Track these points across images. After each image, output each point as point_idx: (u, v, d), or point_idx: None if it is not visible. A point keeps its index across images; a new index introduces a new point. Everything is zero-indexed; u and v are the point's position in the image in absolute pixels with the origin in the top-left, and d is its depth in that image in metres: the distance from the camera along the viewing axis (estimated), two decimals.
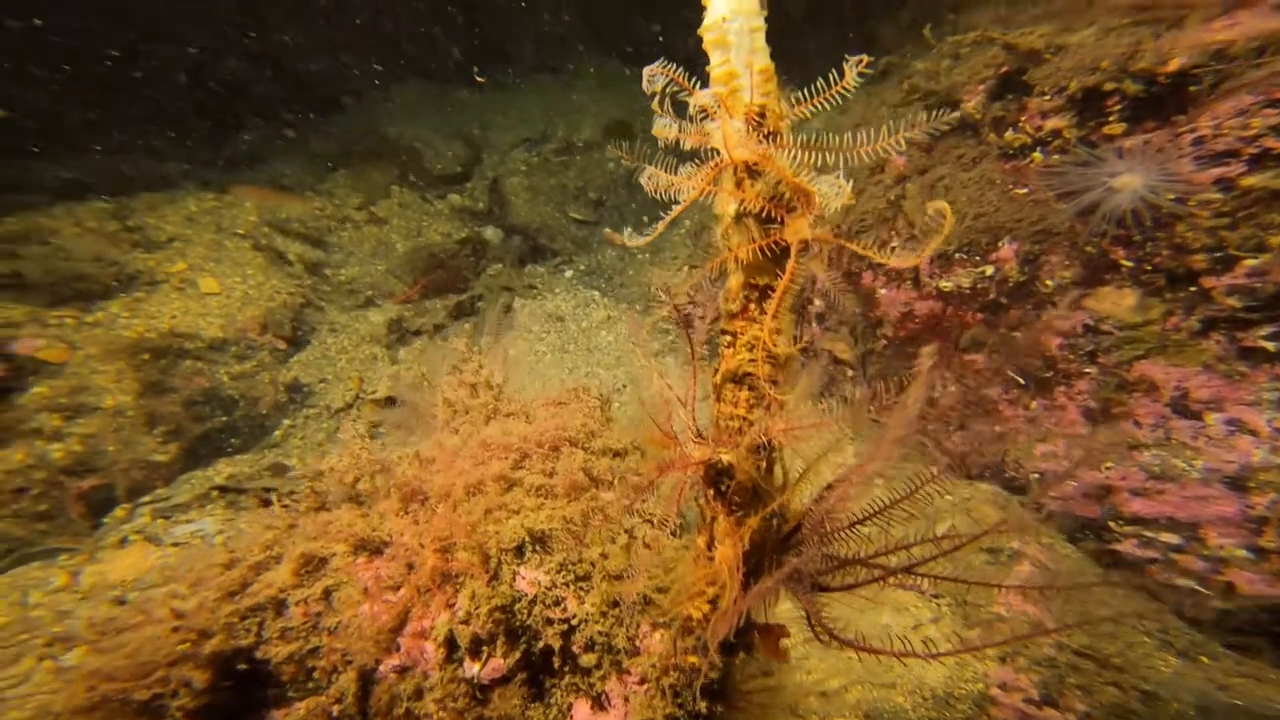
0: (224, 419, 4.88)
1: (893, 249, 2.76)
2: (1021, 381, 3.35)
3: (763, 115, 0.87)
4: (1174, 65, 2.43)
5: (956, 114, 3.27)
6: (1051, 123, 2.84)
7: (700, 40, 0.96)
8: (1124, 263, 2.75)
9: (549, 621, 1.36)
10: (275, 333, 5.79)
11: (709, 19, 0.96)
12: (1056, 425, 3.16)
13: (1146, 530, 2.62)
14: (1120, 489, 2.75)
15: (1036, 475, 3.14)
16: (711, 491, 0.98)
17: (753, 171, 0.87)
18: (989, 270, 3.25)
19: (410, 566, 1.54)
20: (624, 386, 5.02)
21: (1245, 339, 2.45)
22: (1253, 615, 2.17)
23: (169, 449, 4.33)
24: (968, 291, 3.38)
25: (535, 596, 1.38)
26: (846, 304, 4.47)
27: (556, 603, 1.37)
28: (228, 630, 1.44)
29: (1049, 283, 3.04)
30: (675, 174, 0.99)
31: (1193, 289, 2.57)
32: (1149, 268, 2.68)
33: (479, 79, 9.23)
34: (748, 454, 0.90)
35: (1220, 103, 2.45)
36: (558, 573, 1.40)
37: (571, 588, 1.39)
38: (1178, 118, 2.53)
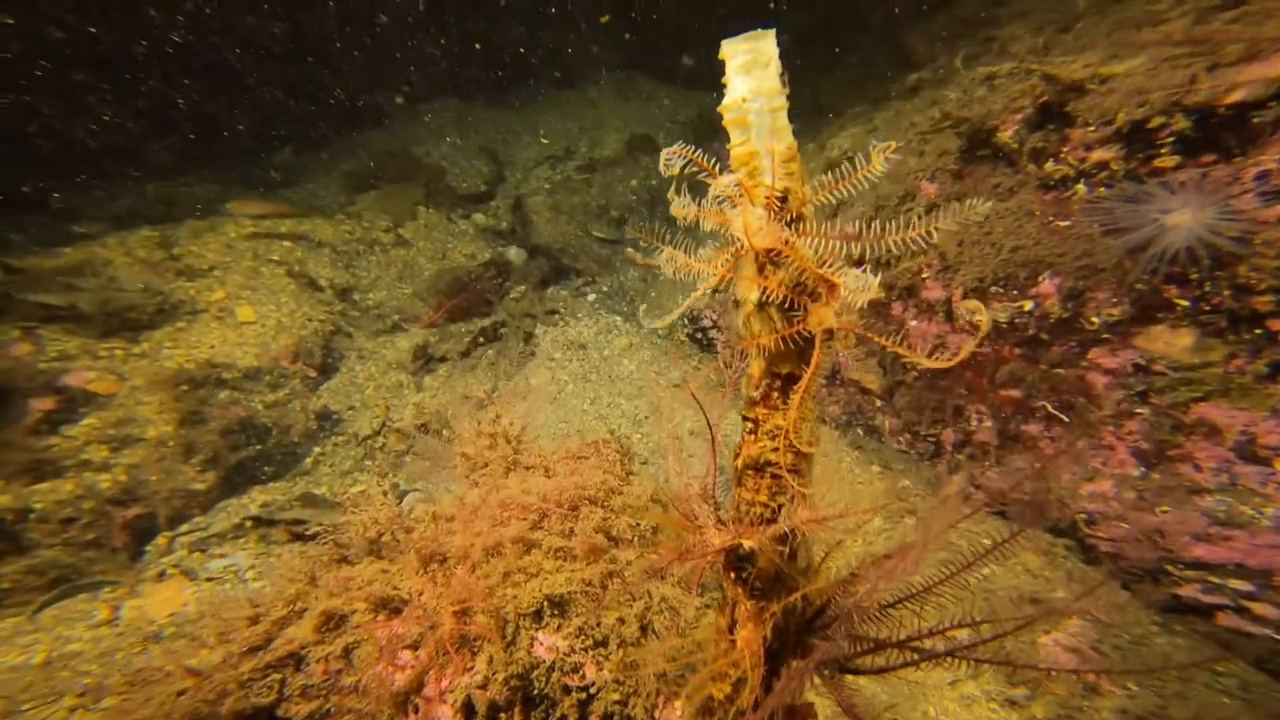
0: (258, 447, 5.04)
1: (924, 279, 2.69)
2: (1064, 419, 3.19)
3: (784, 199, 0.84)
4: (1235, 97, 2.31)
5: (988, 205, 3.17)
6: (1097, 154, 2.72)
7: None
8: (1179, 301, 2.60)
9: (566, 690, 1.33)
10: (306, 361, 5.98)
11: (728, 99, 0.95)
12: (1105, 465, 2.99)
13: (1212, 576, 2.43)
14: (1179, 533, 2.57)
15: (1084, 516, 2.96)
16: (733, 574, 0.94)
17: (775, 260, 0.85)
18: (1028, 305, 3.12)
19: (430, 626, 1.53)
20: (646, 418, 4.99)
21: None
22: None
23: (207, 478, 4.48)
24: (1005, 326, 3.25)
25: (553, 663, 1.35)
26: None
27: (574, 669, 1.34)
28: (249, 687, 1.46)
29: (1095, 320, 2.90)
30: (695, 255, 0.96)
31: (1258, 331, 2.41)
32: (1207, 307, 2.53)
33: (507, 96, 9.46)
34: (770, 542, 0.86)
35: None
36: (576, 638, 1.37)
37: (590, 654, 1.35)
38: (1238, 151, 2.40)
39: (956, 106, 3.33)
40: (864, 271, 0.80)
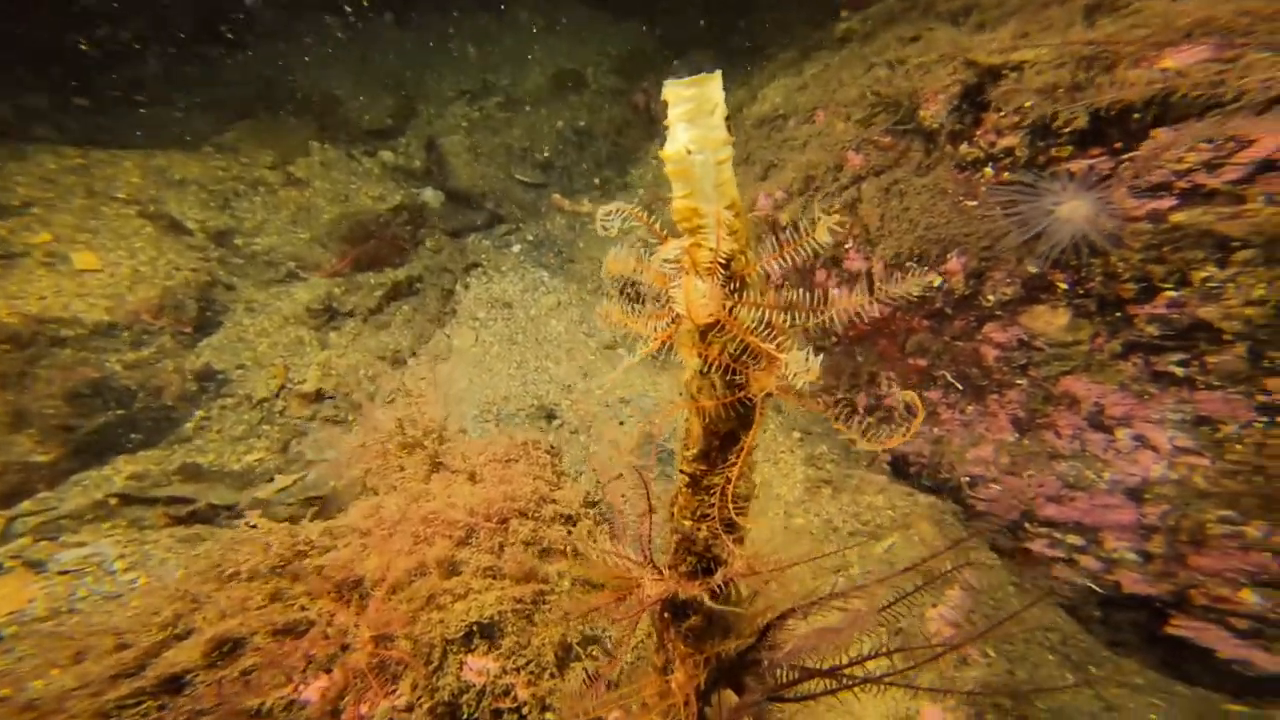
0: (119, 412, 4.49)
1: (846, 249, 2.81)
2: (959, 387, 3.58)
3: (729, 264, 0.83)
4: (1125, 96, 2.53)
5: (932, 279, 3.28)
6: (1005, 141, 2.91)
7: None
8: (1060, 285, 2.93)
9: (497, 714, 1.37)
10: (176, 315, 5.30)
11: (670, 148, 0.90)
12: (988, 431, 3.43)
13: (1056, 532, 2.94)
14: (1037, 494, 3.05)
15: (967, 479, 3.41)
16: (669, 620, 1.00)
17: (717, 329, 0.85)
18: (937, 281, 3.38)
19: (342, 648, 1.49)
20: (576, 382, 4.98)
21: (1158, 363, 2.71)
22: (1129, 613, 2.53)
23: (49, 448, 3.96)
24: (916, 299, 3.52)
25: (483, 687, 1.38)
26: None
27: (505, 692, 1.38)
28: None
29: (991, 298, 3.21)
30: (633, 311, 0.94)
31: (1119, 314, 2.79)
32: (1082, 291, 2.87)
33: (414, 16, 8.37)
34: (705, 592, 0.92)
35: (1158, 135, 2.59)
36: (507, 658, 1.41)
37: (522, 674, 1.40)
38: (1120, 147, 2.66)
39: (883, 84, 3.39)
40: (807, 354, 0.83)
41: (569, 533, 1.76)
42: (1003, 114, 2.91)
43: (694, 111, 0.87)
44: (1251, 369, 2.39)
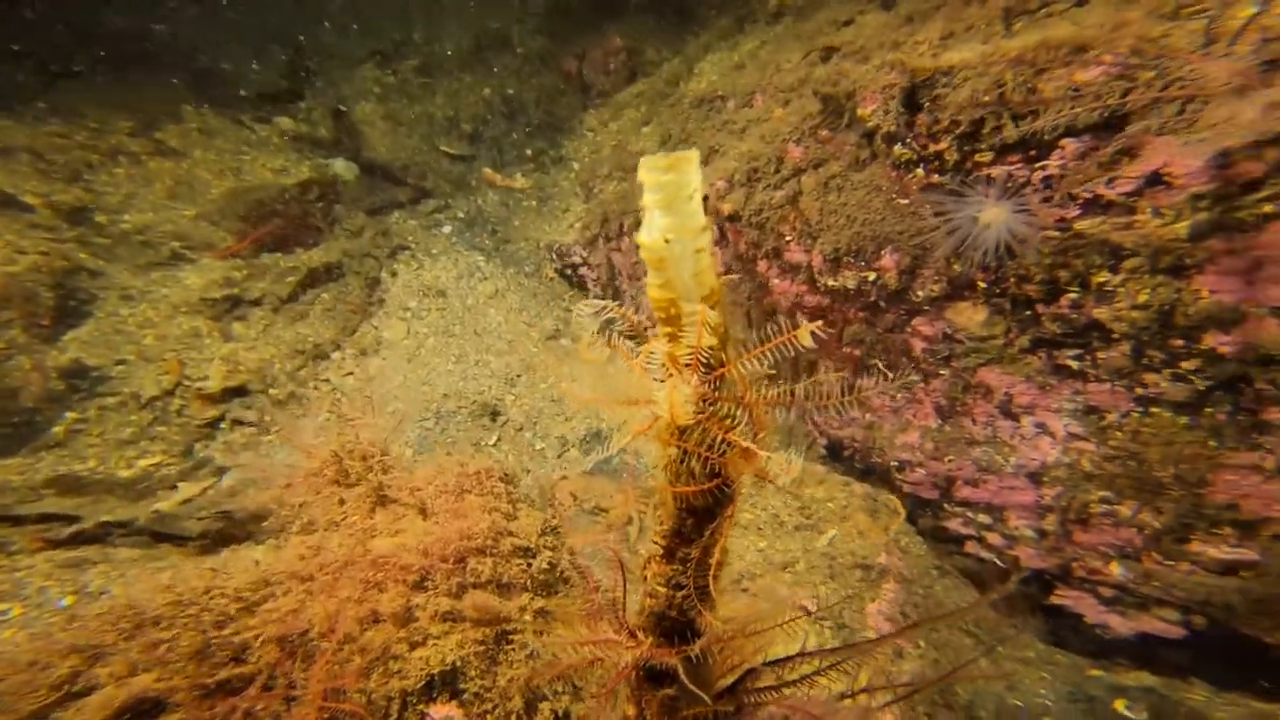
0: None
1: (787, 241, 2.99)
2: (890, 376, 3.90)
3: (708, 360, 0.89)
4: (1037, 99, 2.77)
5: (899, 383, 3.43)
6: (935, 145, 3.12)
7: None
8: (981, 284, 3.24)
9: None
10: (26, 306, 4.71)
11: (647, 235, 0.91)
12: (914, 417, 3.78)
13: (969, 512, 3.34)
14: (955, 477, 3.44)
15: (896, 463, 3.77)
16: (643, 681, 1.09)
17: (697, 427, 0.91)
18: (872, 276, 3.63)
19: (289, 702, 1.47)
20: (519, 376, 4.93)
21: (1058, 358, 3.08)
22: (1024, 586, 2.97)
23: None
24: (853, 291, 3.76)
25: None
26: (740, 290, 4.72)
27: None
28: None
29: (920, 294, 3.49)
30: (607, 388, 0.98)
31: (1029, 312, 3.13)
32: (999, 290, 3.19)
33: None
34: (680, 660, 1.02)
35: (1067, 145, 2.87)
36: (472, 704, 1.45)
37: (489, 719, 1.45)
38: (1034, 155, 2.93)
39: (823, 83, 3.49)
40: (789, 455, 0.90)
41: (528, 565, 1.80)
42: (933, 118, 3.10)
43: (671, 197, 0.87)
44: (1133, 365, 2.79)
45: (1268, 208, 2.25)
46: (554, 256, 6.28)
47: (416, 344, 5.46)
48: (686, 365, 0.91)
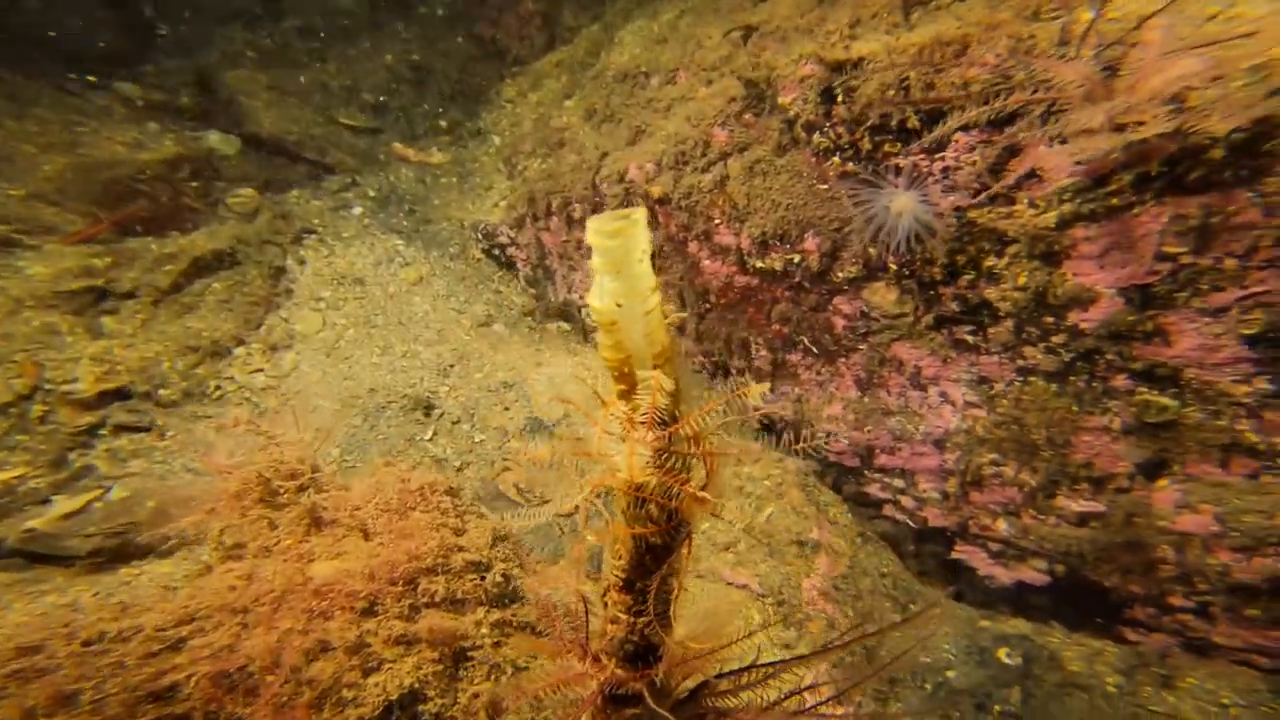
0: None
1: (716, 225, 3.33)
2: (815, 352, 4.29)
3: (663, 418, 1.06)
4: (935, 95, 3.08)
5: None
6: (849, 135, 3.39)
7: None
8: (892, 266, 3.61)
9: None
10: None
11: (596, 300, 1.01)
12: (837, 390, 4.21)
13: (886, 478, 3.83)
14: (874, 446, 3.91)
15: (823, 435, 4.21)
16: (607, 698, 1.29)
17: (654, 483, 1.09)
18: (797, 258, 3.93)
19: None
20: (452, 366, 4.91)
21: (957, 333, 3.54)
22: (931, 545, 3.50)
23: None
24: (780, 272, 4.06)
25: None
26: (673, 271, 4.92)
27: None
28: None
29: (840, 275, 3.84)
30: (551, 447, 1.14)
31: (933, 292, 3.54)
32: (907, 273, 3.58)
33: None
34: (645, 685, 1.22)
35: (960, 139, 3.23)
36: None
37: None
38: (933, 146, 3.27)
39: (744, 69, 3.64)
40: (741, 503, 1.10)
41: (482, 579, 1.89)
42: (847, 109, 3.36)
43: (619, 261, 0.92)
44: (1015, 339, 3.27)
45: (1114, 201, 2.69)
46: (480, 236, 6.17)
47: (335, 336, 5.27)
48: (642, 423, 1.08)
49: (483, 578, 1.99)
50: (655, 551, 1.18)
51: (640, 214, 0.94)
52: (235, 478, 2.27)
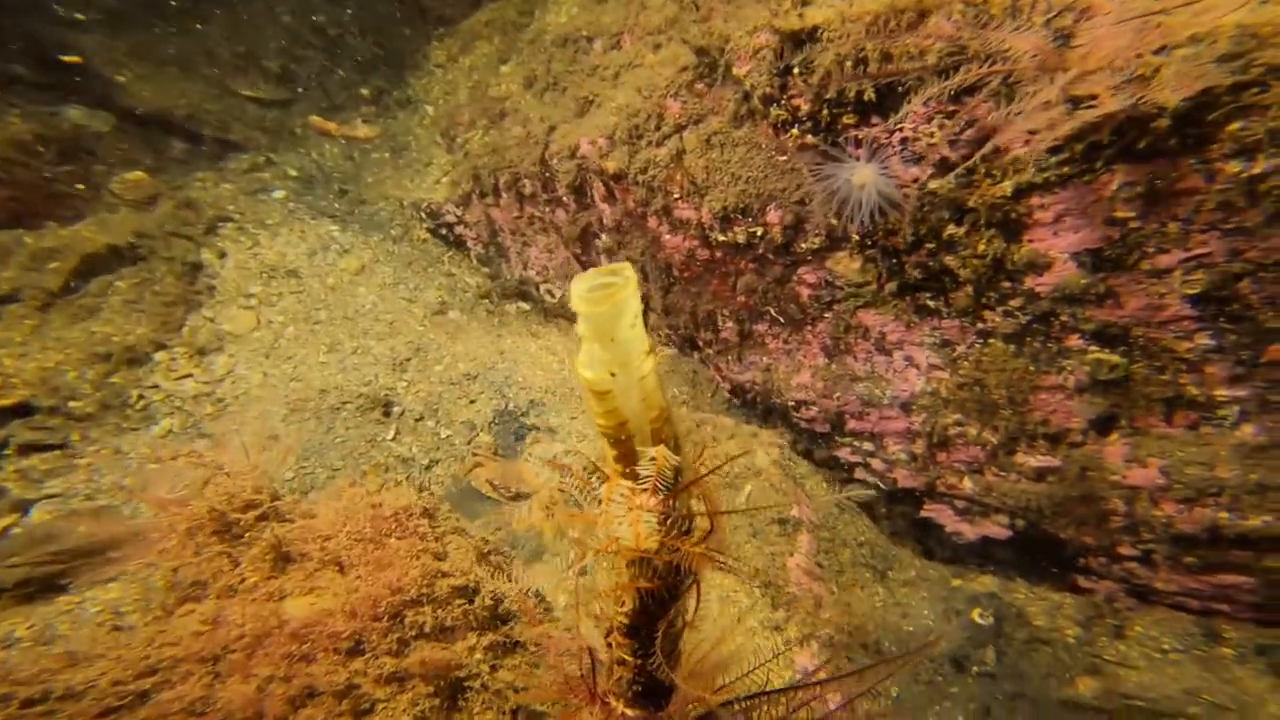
0: None
1: (675, 199, 3.34)
2: (782, 321, 4.36)
3: (666, 484, 1.06)
4: (892, 68, 3.06)
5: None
6: (806, 106, 3.33)
7: None
8: (855, 237, 3.65)
9: None
10: None
11: (588, 370, 0.96)
12: (805, 358, 4.31)
13: (855, 441, 4.00)
14: (843, 411, 4.05)
15: (793, 403, 4.32)
16: None
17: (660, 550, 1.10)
18: (760, 231, 3.92)
19: None
20: (408, 360, 4.75)
21: (920, 299, 3.64)
22: (901, 505, 3.70)
23: None
24: (743, 245, 4.05)
25: None
26: (635, 244, 4.84)
27: None
28: None
29: (803, 246, 3.86)
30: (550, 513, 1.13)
31: (895, 261, 3.61)
32: (870, 242, 3.63)
33: None
34: None
35: (916, 108, 3.23)
36: None
37: None
38: (891, 118, 3.27)
39: (695, 36, 3.49)
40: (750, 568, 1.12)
41: (470, 603, 1.88)
42: (806, 78, 3.29)
43: (610, 328, 0.88)
44: (974, 304, 3.39)
45: (1066, 169, 2.78)
46: (424, 216, 5.88)
47: (273, 336, 5.00)
48: (644, 490, 1.08)
49: (471, 601, 1.97)
50: (660, 599, 1.20)
51: (630, 275, 0.90)
52: (185, 515, 2.15)
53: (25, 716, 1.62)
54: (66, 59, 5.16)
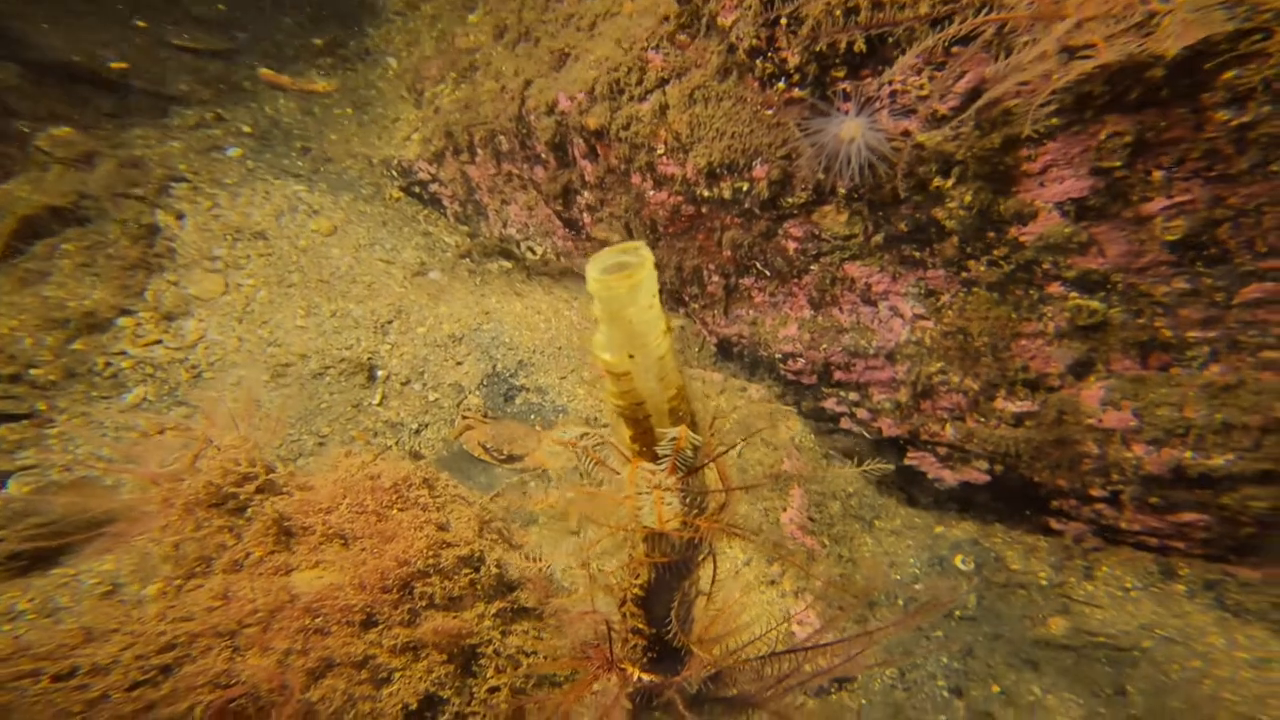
0: None
1: (660, 155, 3.37)
2: (768, 274, 4.36)
3: (686, 464, 1.09)
4: (883, 17, 2.96)
5: None
6: (794, 59, 3.23)
7: None
8: (841, 191, 3.62)
9: None
10: None
11: (608, 356, 0.98)
12: (792, 310, 4.35)
13: (841, 392, 4.10)
14: (830, 363, 4.13)
15: (780, 355, 4.39)
16: (634, 699, 1.42)
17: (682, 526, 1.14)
18: (745, 186, 3.86)
19: None
20: (390, 323, 4.66)
21: (905, 250, 3.67)
22: (886, 454, 3.84)
23: None
24: (729, 200, 4.00)
25: None
26: (620, 202, 4.73)
27: None
28: None
29: (789, 200, 3.82)
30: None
31: (881, 214, 3.61)
32: (856, 196, 3.61)
33: None
34: (676, 692, 1.34)
35: (905, 60, 3.15)
36: None
37: None
38: (880, 70, 3.19)
39: None
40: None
41: (477, 571, 1.92)
42: (793, 31, 3.18)
43: (627, 309, 0.87)
44: (960, 254, 3.43)
45: (1054, 120, 2.77)
46: (395, 174, 5.65)
47: (244, 300, 4.85)
48: (664, 470, 1.11)
49: (477, 570, 2.01)
50: (675, 570, 1.26)
51: (646, 255, 0.91)
52: (182, 490, 2.14)
53: (60, 690, 1.65)
54: None
